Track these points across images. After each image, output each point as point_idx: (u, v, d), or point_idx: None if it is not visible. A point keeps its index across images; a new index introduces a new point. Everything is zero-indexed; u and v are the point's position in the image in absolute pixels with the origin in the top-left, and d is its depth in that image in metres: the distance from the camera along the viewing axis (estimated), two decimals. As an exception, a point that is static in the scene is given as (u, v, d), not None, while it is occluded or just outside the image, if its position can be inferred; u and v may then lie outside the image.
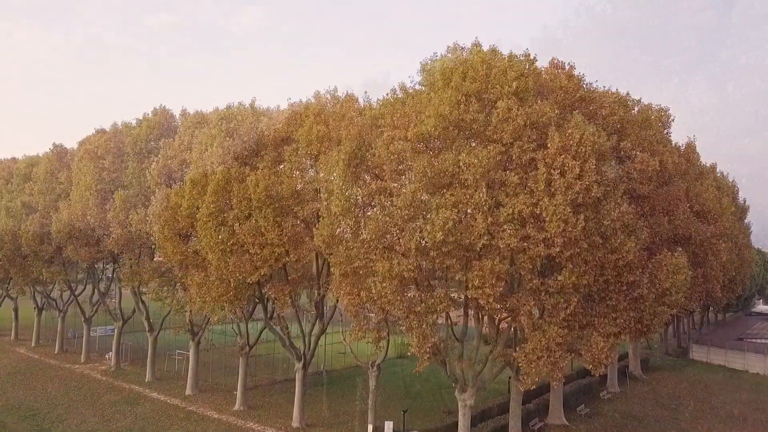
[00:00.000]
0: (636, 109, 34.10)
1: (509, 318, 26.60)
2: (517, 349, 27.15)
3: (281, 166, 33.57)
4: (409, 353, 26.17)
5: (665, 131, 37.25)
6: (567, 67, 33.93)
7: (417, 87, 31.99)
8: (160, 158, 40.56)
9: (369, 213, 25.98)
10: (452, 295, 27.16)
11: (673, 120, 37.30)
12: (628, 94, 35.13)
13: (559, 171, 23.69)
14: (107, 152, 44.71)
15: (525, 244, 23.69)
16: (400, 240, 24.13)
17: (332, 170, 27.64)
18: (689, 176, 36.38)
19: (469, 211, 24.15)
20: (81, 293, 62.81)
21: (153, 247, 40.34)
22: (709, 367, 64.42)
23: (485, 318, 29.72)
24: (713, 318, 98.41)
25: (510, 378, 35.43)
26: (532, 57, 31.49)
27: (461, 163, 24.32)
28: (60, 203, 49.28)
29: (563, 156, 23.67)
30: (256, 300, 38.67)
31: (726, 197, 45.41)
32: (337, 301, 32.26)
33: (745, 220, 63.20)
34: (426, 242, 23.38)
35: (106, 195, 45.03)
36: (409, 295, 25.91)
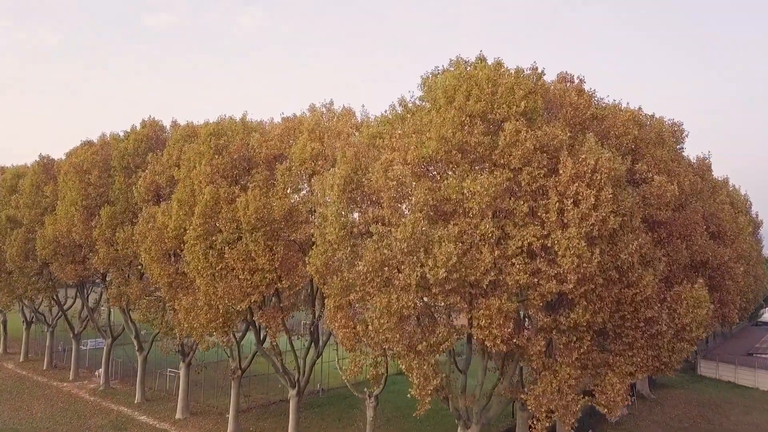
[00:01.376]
0: (647, 123, 32.21)
1: (517, 355, 24.67)
2: (526, 389, 25.21)
3: (273, 187, 31.59)
4: (408, 395, 24.21)
5: (679, 146, 35.40)
6: (576, 81, 32.13)
7: (417, 101, 30.24)
8: (148, 174, 38.62)
9: (366, 242, 24.01)
10: (455, 323, 25.31)
11: (687, 135, 35.46)
12: (640, 109, 33.30)
13: (572, 200, 21.76)
14: (93, 166, 42.74)
15: (535, 279, 21.76)
16: (399, 274, 22.17)
17: (326, 195, 25.72)
18: (704, 194, 34.47)
19: (475, 240, 22.21)
20: (70, 307, 60.90)
21: (140, 266, 38.41)
22: (719, 383, 62.46)
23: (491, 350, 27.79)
24: (719, 328, 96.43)
25: (515, 402, 33.57)
26: (539, 70, 29.73)
27: (465, 191, 22.41)
28: (46, 218, 47.31)
29: (577, 184, 21.75)
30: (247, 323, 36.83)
31: (742, 215, 43.49)
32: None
33: (758, 235, 61.29)
34: (428, 278, 21.43)
35: (92, 211, 43.07)
36: (409, 329, 23.97)
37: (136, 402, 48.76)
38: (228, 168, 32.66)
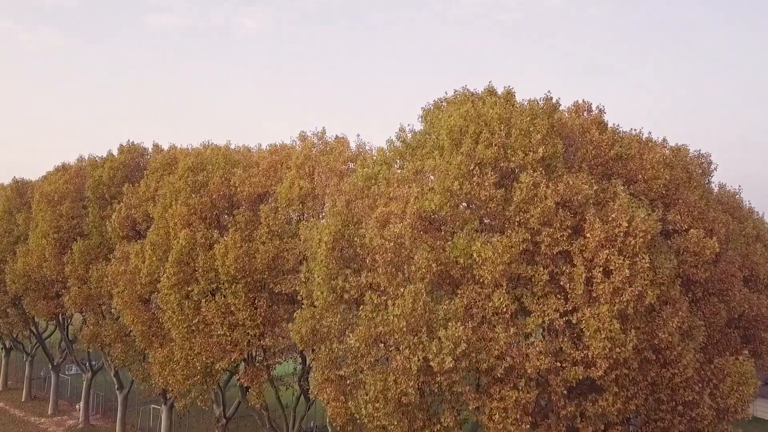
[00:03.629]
0: (675, 158, 28.82)
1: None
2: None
3: (257, 230, 28.19)
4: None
5: (706, 180, 32.04)
6: (595, 110, 28.78)
7: (418, 135, 26.99)
8: (123, 207, 35.17)
9: (359, 310, 20.65)
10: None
11: (715, 169, 32.08)
12: (665, 141, 29.92)
13: (601, 268, 18.40)
14: (65, 197, 39.30)
15: (558, 362, 18.40)
16: (398, 355, 18.79)
17: (314, 249, 22.35)
18: (737, 238, 31.00)
19: (487, 315, 18.86)
20: (50, 335, 57.54)
21: (115, 308, 35.08)
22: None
23: None
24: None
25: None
26: (554, 100, 26.45)
27: (475, 255, 19.05)
28: (18, 248, 43.89)
29: (607, 250, 18.37)
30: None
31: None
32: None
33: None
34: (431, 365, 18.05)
35: (65, 244, 39.62)
36: (409, 411, 20.56)
37: (115, 444, 45.42)
38: (207, 208, 29.25)
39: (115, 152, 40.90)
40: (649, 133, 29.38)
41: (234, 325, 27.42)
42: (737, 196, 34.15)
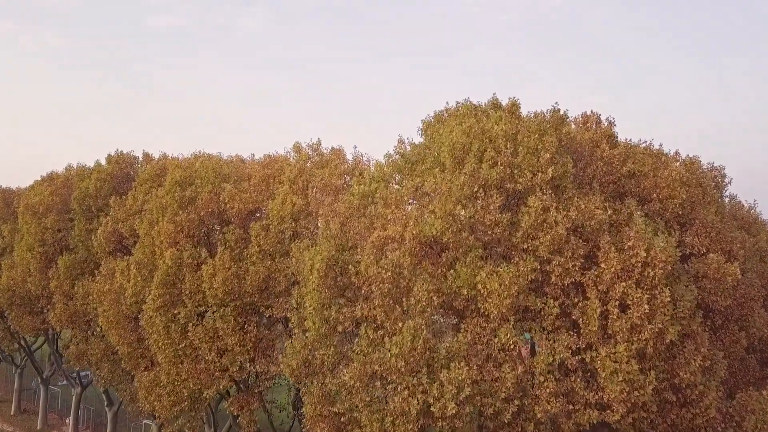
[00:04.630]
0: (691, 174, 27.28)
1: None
2: None
3: (247, 249, 26.64)
4: None
5: (720, 195, 30.53)
6: (605, 122, 27.29)
7: (418, 143, 25.56)
8: (109, 221, 33.61)
9: (354, 343, 19.13)
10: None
11: (729, 182, 30.57)
12: (677, 153, 28.40)
13: (617, 302, 16.86)
14: (50, 209, 37.72)
15: (570, 405, 16.86)
16: (396, 396, 17.24)
17: (305, 275, 20.82)
18: (750, 251, 29.48)
19: (493, 352, 17.32)
20: (40, 347, 55.93)
21: (100, 327, 33.53)
22: None
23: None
24: None
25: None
26: (561, 112, 24.99)
27: (479, 286, 17.52)
28: (2, 260, 42.33)
29: (624, 283, 16.83)
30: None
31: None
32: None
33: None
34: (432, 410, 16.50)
35: (50, 258, 38.06)
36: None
37: (105, 463, 43.88)
38: (194, 225, 27.69)
39: (113, 159, 39.35)
40: (660, 145, 27.84)
41: (223, 351, 25.89)
42: (752, 211, 32.66)
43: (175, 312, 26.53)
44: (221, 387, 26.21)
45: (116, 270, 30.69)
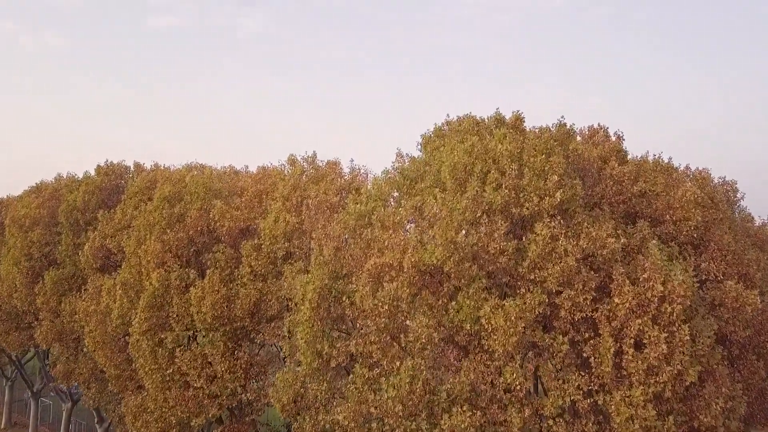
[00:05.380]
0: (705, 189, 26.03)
1: None
2: None
3: (238, 269, 25.39)
4: None
5: (731, 211, 29.30)
6: (613, 137, 26.09)
7: (417, 157, 24.40)
8: (96, 236, 32.35)
9: (348, 380, 17.86)
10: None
11: (742, 198, 29.33)
12: (687, 168, 27.17)
13: (632, 339, 15.60)
14: (36, 223, 36.46)
15: (581, 450, 15.61)
16: (393, 441, 15.99)
17: (297, 301, 19.57)
18: (765, 271, 28.20)
19: (498, 394, 16.05)
20: (29, 360, 54.71)
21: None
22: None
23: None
24: None
25: None
26: (568, 126, 23.84)
27: (483, 321, 16.26)
28: (-11, 274, 40.98)
29: (639, 320, 15.57)
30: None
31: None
32: None
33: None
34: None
35: (37, 272, 36.80)
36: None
37: (95, 483, 42.61)
38: (183, 245, 26.43)
39: (102, 170, 38.10)
40: (670, 158, 26.61)
41: (212, 377, 24.64)
42: (766, 227, 31.37)
43: (162, 336, 25.28)
44: (210, 415, 24.91)
45: (103, 289, 29.43)
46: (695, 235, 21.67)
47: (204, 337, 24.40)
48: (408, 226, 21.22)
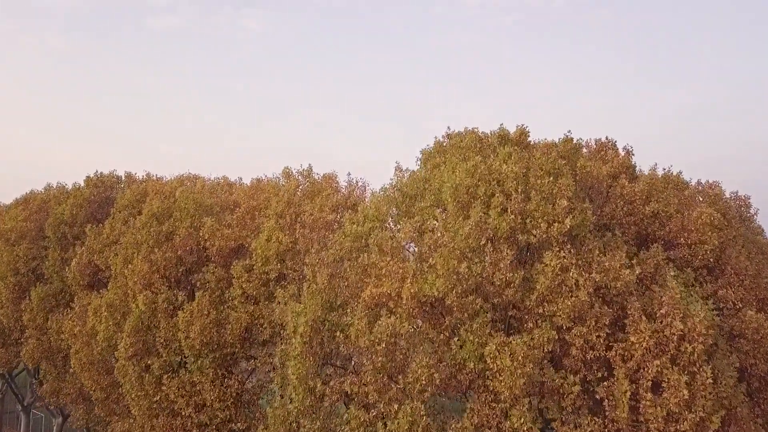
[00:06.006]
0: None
1: None
2: None
3: (229, 291, 24.18)
4: None
5: (745, 228, 28.14)
6: (622, 152, 24.93)
7: (416, 171, 23.30)
8: (84, 252, 31.12)
9: (342, 417, 16.66)
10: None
11: (755, 213, 28.15)
12: (698, 183, 25.99)
13: (650, 383, 14.40)
14: (22, 237, 35.22)
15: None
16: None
17: (288, 337, 18.37)
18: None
19: None
20: (20, 373, 53.42)
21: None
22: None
23: None
24: None
25: None
26: (575, 140, 22.79)
27: (488, 360, 15.06)
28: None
29: (657, 361, 14.37)
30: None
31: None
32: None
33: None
34: None
35: (24, 288, 35.56)
36: None
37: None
38: (172, 265, 25.22)
39: (91, 182, 36.87)
40: (680, 172, 25.43)
41: (201, 406, 23.42)
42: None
43: (149, 362, 24.07)
44: (199, 446, 23.71)
45: (89, 309, 28.21)
46: (711, 260, 20.51)
47: (193, 363, 23.19)
48: (407, 246, 20.08)
